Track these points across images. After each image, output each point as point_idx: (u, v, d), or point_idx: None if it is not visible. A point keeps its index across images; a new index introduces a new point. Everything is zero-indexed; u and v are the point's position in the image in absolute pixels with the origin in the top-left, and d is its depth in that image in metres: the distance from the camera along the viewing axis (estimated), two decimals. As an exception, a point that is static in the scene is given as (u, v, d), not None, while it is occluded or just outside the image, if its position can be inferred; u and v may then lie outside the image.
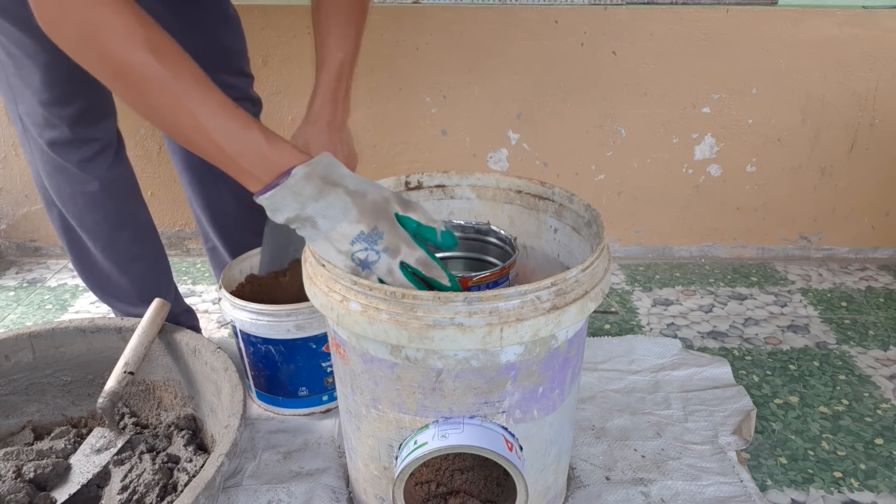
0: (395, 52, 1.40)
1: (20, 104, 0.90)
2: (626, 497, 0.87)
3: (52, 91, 0.87)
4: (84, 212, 0.97)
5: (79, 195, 0.96)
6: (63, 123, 0.90)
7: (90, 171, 0.94)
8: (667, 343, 1.19)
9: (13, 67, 0.87)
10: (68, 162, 0.93)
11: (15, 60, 0.86)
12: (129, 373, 0.88)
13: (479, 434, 0.66)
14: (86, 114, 0.91)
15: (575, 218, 0.81)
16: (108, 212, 0.98)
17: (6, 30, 0.84)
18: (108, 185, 0.96)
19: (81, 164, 0.93)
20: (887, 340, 1.25)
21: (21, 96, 0.89)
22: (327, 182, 0.65)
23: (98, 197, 0.96)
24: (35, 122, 0.91)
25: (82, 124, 0.91)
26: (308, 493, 0.88)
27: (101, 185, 0.96)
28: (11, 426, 0.96)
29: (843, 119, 1.45)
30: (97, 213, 0.97)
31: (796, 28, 1.37)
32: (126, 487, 0.83)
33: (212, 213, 1.16)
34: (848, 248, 1.60)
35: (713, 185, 1.53)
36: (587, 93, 1.45)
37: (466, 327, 0.60)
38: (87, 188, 0.95)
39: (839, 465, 0.95)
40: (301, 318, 0.94)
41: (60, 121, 0.90)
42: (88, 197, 0.96)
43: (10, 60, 0.87)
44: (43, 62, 0.85)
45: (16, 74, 0.88)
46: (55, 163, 0.93)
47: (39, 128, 0.91)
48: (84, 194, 0.96)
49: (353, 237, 0.65)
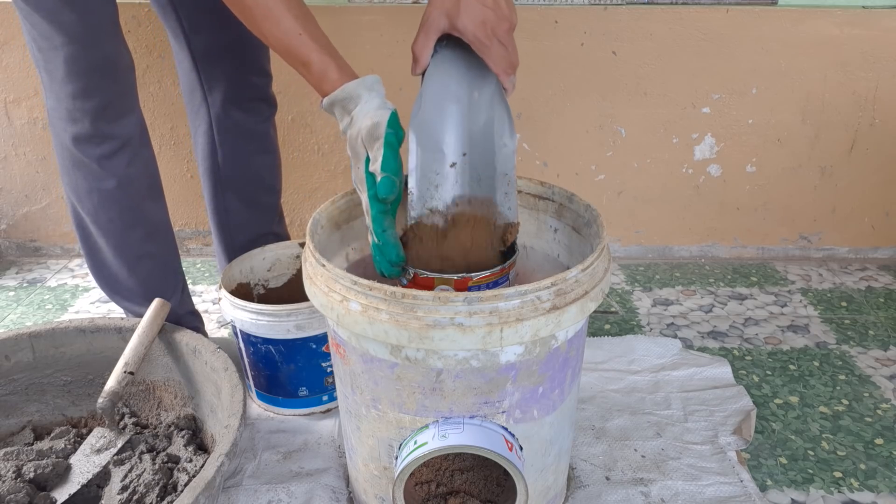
0: (396, 52, 1.40)
1: (48, 98, 0.92)
2: (626, 497, 0.87)
3: (75, 83, 0.88)
4: (98, 209, 0.97)
5: (95, 192, 0.96)
6: (85, 117, 0.91)
7: (108, 168, 0.95)
8: (667, 343, 1.19)
9: (42, 61, 0.89)
10: (88, 157, 0.94)
11: (44, 54, 0.88)
12: (129, 373, 0.88)
13: (479, 434, 0.66)
14: (107, 109, 0.92)
15: (575, 218, 0.81)
16: (123, 210, 0.98)
17: (37, 23, 0.85)
18: (125, 183, 0.97)
19: (101, 160, 0.94)
20: (887, 340, 1.25)
21: (49, 90, 0.91)
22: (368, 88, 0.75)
23: (114, 194, 0.97)
24: (60, 116, 0.92)
25: (103, 120, 0.92)
26: (308, 493, 0.88)
27: (117, 182, 0.96)
28: (11, 426, 0.96)
29: (843, 119, 1.45)
30: (111, 210, 0.98)
31: (796, 28, 1.37)
32: (126, 487, 0.83)
33: (217, 214, 1.17)
34: (848, 248, 1.60)
35: (713, 185, 1.53)
36: (587, 93, 1.45)
37: (466, 327, 0.60)
38: (103, 185, 0.96)
39: (839, 465, 0.95)
40: (301, 318, 0.94)
41: (83, 115, 0.91)
42: (104, 194, 0.96)
43: (40, 55, 0.89)
44: (66, 54, 0.87)
45: (44, 68, 0.90)
46: (75, 158, 0.94)
47: (64, 122, 0.92)
48: (100, 191, 0.96)
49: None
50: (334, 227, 0.84)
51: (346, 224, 0.86)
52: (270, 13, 0.71)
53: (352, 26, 1.38)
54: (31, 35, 0.88)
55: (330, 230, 0.83)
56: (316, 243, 0.72)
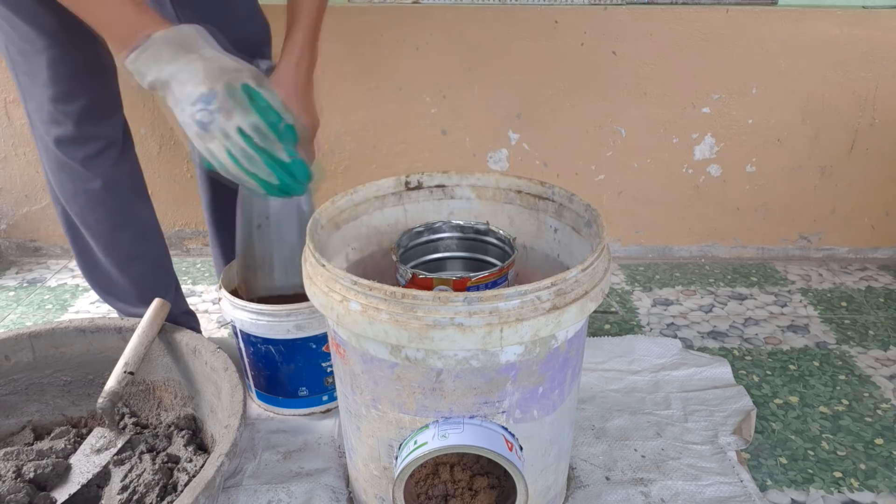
0: (395, 52, 1.40)
1: (29, 101, 0.92)
2: (626, 497, 0.87)
3: (58, 86, 0.88)
4: (86, 210, 0.97)
5: (81, 193, 0.96)
6: (68, 120, 0.90)
7: (93, 169, 0.95)
8: (667, 343, 1.19)
9: (23, 65, 0.89)
10: (72, 159, 0.93)
11: (25, 57, 0.88)
12: (129, 373, 0.88)
13: (479, 434, 0.66)
14: (91, 111, 0.92)
15: (575, 218, 0.81)
16: (110, 210, 0.98)
17: (17, 25, 0.85)
18: (111, 184, 0.97)
19: (85, 161, 0.94)
20: (887, 340, 1.25)
21: (30, 94, 0.91)
22: (184, 48, 0.71)
23: (100, 195, 0.96)
24: (42, 119, 0.92)
25: (87, 121, 0.92)
26: (308, 493, 0.88)
27: (103, 183, 0.96)
28: (11, 426, 0.96)
29: (843, 119, 1.45)
30: (98, 211, 0.98)
31: (796, 28, 1.37)
32: (126, 487, 0.83)
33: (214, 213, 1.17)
34: (848, 248, 1.60)
35: (713, 185, 1.53)
36: (587, 93, 1.45)
37: (466, 327, 0.60)
38: (89, 186, 0.96)
39: (839, 465, 0.95)
40: (301, 318, 0.94)
41: (66, 117, 0.90)
42: (91, 195, 0.96)
43: (21, 58, 0.88)
44: (49, 57, 0.86)
45: (25, 72, 0.89)
46: (60, 160, 0.94)
47: (46, 124, 0.92)
48: (86, 192, 0.96)
49: (195, 98, 0.70)
50: (334, 227, 0.84)
51: (346, 224, 0.86)
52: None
53: (352, 26, 1.38)
54: (9, 38, 0.87)
55: (330, 230, 0.83)
56: (316, 243, 0.72)
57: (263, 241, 0.99)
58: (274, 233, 0.98)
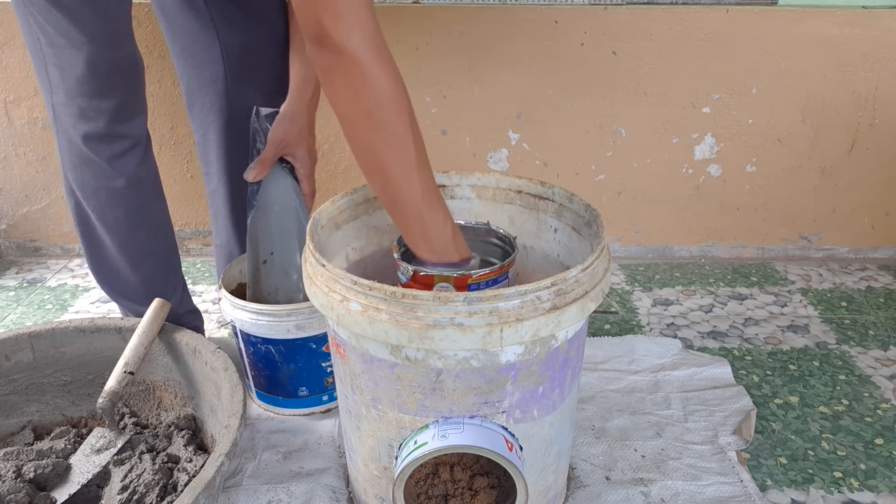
0: (395, 52, 1.38)
1: (55, 94, 0.91)
2: (626, 497, 0.87)
3: (94, 82, 0.88)
4: (106, 207, 0.97)
5: (103, 190, 0.96)
6: (101, 117, 0.90)
7: (119, 167, 0.95)
8: (667, 343, 1.19)
9: (54, 57, 0.88)
10: (99, 156, 0.93)
11: (56, 50, 0.87)
12: (129, 373, 0.88)
13: (479, 434, 0.66)
14: (122, 109, 0.92)
15: (575, 218, 0.81)
16: (130, 209, 0.98)
17: (53, 18, 0.84)
18: (135, 183, 0.97)
19: (112, 159, 0.94)
20: (887, 340, 1.25)
21: (57, 87, 0.90)
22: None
23: (122, 193, 0.97)
24: (70, 114, 0.91)
25: (117, 120, 0.92)
26: (308, 493, 0.88)
27: (127, 181, 0.96)
28: (11, 426, 0.96)
29: (843, 119, 1.45)
30: (119, 209, 0.98)
31: (796, 28, 1.37)
32: (126, 487, 0.83)
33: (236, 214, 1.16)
34: (848, 248, 1.60)
35: (713, 185, 1.53)
36: (587, 93, 1.45)
37: (466, 327, 0.60)
38: (112, 184, 0.95)
39: (839, 465, 0.95)
40: (301, 318, 0.94)
41: (98, 114, 0.90)
42: (113, 192, 0.96)
43: (51, 50, 0.87)
44: (87, 53, 0.86)
45: (56, 65, 0.88)
46: (84, 156, 0.94)
47: (74, 119, 0.91)
48: (109, 189, 0.96)
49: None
50: (334, 227, 0.84)
51: (346, 224, 0.86)
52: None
53: (352, 26, 1.38)
54: (41, 30, 0.86)
55: (330, 230, 0.83)
56: (316, 243, 0.72)
57: (269, 275, 1.04)
58: (278, 267, 1.04)
